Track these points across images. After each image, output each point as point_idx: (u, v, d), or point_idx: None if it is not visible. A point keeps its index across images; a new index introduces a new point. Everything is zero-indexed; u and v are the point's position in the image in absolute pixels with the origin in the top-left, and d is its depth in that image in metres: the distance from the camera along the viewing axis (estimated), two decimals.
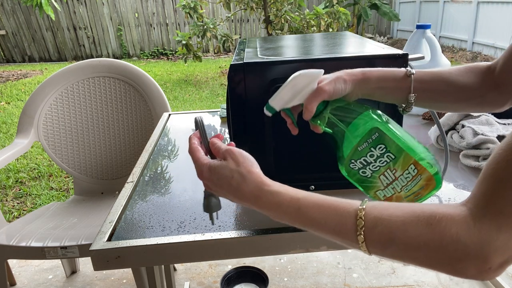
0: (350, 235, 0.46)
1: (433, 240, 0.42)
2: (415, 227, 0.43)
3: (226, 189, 0.54)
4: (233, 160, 0.55)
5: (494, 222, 0.40)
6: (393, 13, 7.63)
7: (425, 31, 1.23)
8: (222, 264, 1.74)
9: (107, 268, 0.67)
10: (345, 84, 0.61)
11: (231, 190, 0.54)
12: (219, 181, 0.54)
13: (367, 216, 0.45)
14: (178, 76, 6.23)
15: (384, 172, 0.60)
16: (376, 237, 0.45)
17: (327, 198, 0.49)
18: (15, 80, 6.17)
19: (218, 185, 0.55)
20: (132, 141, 1.65)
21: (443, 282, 1.58)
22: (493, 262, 0.40)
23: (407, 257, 0.44)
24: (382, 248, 0.45)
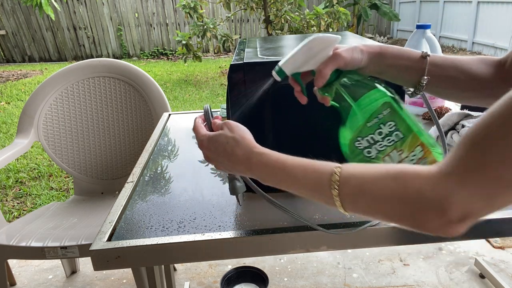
0: (326, 190, 0.49)
1: (397, 192, 0.44)
2: (383, 180, 0.45)
3: (222, 154, 0.59)
4: (228, 129, 0.60)
5: (458, 177, 0.41)
6: (393, 13, 7.63)
7: (425, 31, 1.23)
8: (222, 264, 1.74)
9: (107, 268, 0.67)
10: (362, 54, 0.61)
11: (226, 154, 0.58)
12: (216, 149, 0.59)
13: (342, 172, 0.49)
14: (178, 76, 6.23)
15: (389, 153, 0.58)
16: (348, 190, 0.48)
17: (310, 160, 0.53)
18: (15, 80, 6.17)
19: (216, 152, 0.59)
20: (132, 141, 1.65)
21: (443, 282, 1.58)
22: (452, 215, 0.41)
23: (376, 210, 0.47)
24: (353, 201, 0.48)
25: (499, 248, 1.76)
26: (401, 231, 0.70)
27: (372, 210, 0.47)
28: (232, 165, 0.59)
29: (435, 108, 1.25)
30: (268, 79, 0.73)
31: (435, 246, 1.81)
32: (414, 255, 1.75)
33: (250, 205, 0.79)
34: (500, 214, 0.70)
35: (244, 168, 0.58)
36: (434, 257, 1.73)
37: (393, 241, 0.72)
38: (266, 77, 0.73)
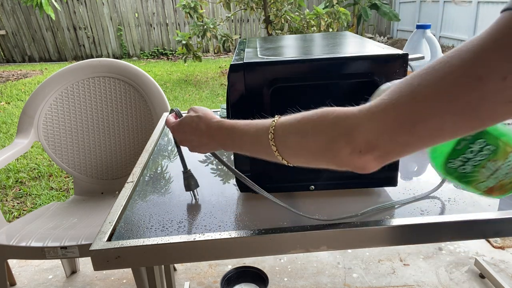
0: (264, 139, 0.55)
1: (317, 124, 0.50)
2: (308, 117, 0.52)
3: (189, 132, 0.68)
4: (193, 111, 0.70)
5: (369, 111, 0.45)
6: (393, 13, 7.63)
7: (425, 31, 1.23)
8: (222, 264, 1.74)
9: (107, 268, 0.67)
10: None
11: (192, 130, 0.67)
12: (184, 128, 0.69)
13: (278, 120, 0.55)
14: (178, 76, 6.23)
15: (485, 165, 0.59)
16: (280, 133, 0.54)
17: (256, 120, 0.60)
18: (15, 80, 6.17)
19: (184, 132, 0.69)
20: (132, 141, 1.65)
21: (443, 282, 1.58)
22: (358, 143, 0.46)
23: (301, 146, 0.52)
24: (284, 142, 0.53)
25: (499, 248, 1.76)
26: (401, 231, 0.70)
27: (298, 147, 0.52)
28: (199, 139, 0.67)
29: None
30: (268, 80, 0.73)
31: (435, 246, 1.81)
32: (414, 255, 1.75)
33: (250, 205, 0.79)
34: (500, 214, 0.70)
35: (208, 139, 0.65)
36: (434, 257, 1.73)
37: (393, 241, 0.72)
38: (266, 77, 0.73)
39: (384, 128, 0.44)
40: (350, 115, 0.47)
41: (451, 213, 0.72)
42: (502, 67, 0.37)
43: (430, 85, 0.41)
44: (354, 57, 0.73)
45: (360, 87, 0.74)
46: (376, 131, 0.44)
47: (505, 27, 0.38)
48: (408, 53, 0.71)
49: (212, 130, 0.65)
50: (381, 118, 0.44)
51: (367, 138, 0.45)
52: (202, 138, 0.66)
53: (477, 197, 0.77)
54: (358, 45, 0.86)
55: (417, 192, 0.80)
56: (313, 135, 0.50)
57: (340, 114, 0.48)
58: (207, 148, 0.68)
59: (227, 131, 0.62)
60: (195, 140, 0.68)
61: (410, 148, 0.44)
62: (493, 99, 0.38)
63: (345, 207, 0.76)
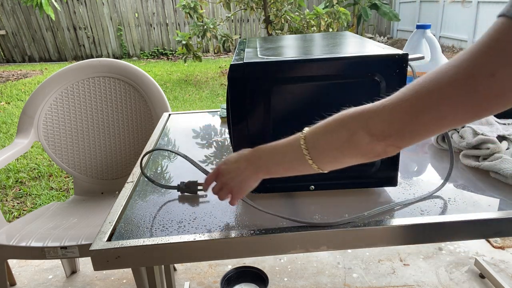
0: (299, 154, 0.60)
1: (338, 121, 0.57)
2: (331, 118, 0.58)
3: (233, 161, 0.69)
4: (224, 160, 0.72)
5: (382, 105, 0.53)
6: (393, 13, 7.63)
7: (425, 31, 1.23)
8: (222, 264, 1.74)
9: (107, 268, 0.67)
10: None
11: (236, 159, 0.69)
12: (228, 160, 0.70)
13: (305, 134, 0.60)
14: (178, 76, 6.23)
15: None
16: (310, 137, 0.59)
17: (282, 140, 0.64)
18: (15, 80, 6.17)
19: (224, 175, 0.70)
20: (132, 141, 1.65)
21: (443, 282, 1.58)
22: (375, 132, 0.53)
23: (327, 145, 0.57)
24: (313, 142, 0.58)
25: (499, 248, 1.76)
26: (401, 231, 0.70)
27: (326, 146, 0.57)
28: (237, 167, 0.68)
29: None
30: (268, 80, 0.73)
31: (435, 246, 1.81)
32: (414, 255, 1.75)
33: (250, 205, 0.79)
34: (500, 214, 0.70)
35: (245, 163, 0.67)
36: (434, 257, 1.73)
37: (393, 241, 0.72)
38: (266, 77, 0.73)
39: (395, 119, 0.51)
40: (366, 110, 0.54)
41: (451, 213, 0.72)
42: (490, 66, 0.43)
43: (432, 81, 0.48)
44: (354, 57, 0.73)
45: (360, 87, 0.74)
46: (389, 121, 0.51)
47: (495, 32, 0.44)
48: (408, 53, 0.71)
49: (250, 153, 0.68)
50: (392, 110, 0.51)
51: (382, 127, 0.52)
52: (240, 164, 0.68)
53: (477, 197, 0.77)
54: (358, 45, 0.86)
55: (417, 192, 0.80)
56: (336, 131, 0.56)
57: (357, 110, 0.55)
58: (245, 179, 0.68)
59: (262, 149, 0.66)
60: (235, 170, 0.68)
61: (418, 135, 0.51)
62: (484, 93, 0.44)
63: (345, 207, 0.76)
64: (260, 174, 0.67)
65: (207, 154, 1.08)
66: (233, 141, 0.79)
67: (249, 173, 0.67)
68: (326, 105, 0.75)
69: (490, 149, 0.88)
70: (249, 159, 0.67)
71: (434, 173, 0.89)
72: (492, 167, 0.84)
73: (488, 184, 0.82)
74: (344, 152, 0.57)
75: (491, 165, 0.84)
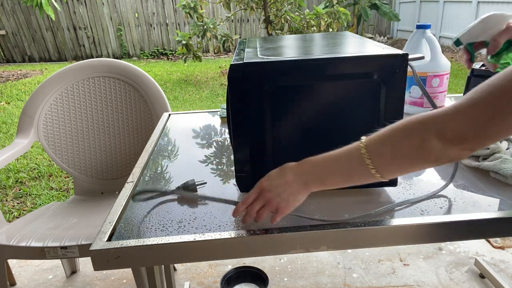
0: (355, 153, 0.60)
1: (406, 129, 0.55)
2: (395, 127, 0.57)
3: (276, 176, 0.67)
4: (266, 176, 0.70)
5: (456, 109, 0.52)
6: (393, 13, 7.63)
7: (425, 31, 1.23)
8: (222, 264, 1.74)
9: (107, 268, 0.67)
10: None
11: (279, 174, 0.67)
12: (271, 175, 0.68)
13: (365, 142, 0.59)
14: (178, 76, 6.23)
15: None
16: (372, 146, 0.58)
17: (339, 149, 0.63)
18: (15, 80, 6.17)
19: (270, 179, 0.68)
20: (132, 141, 1.65)
21: (443, 282, 1.58)
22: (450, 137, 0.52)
23: (395, 153, 0.56)
24: (377, 152, 0.58)
25: (499, 248, 1.76)
26: (401, 231, 0.70)
27: (394, 154, 0.56)
28: (284, 182, 0.66)
29: None
30: (268, 80, 0.73)
31: (435, 246, 1.81)
32: (414, 255, 1.75)
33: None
34: (500, 214, 0.70)
35: (293, 176, 0.65)
36: (434, 257, 1.73)
37: (393, 241, 0.72)
38: (266, 77, 0.73)
39: (472, 122, 0.50)
40: (437, 115, 0.53)
41: (451, 213, 0.72)
42: None
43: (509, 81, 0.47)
44: (354, 57, 0.73)
45: (360, 87, 0.74)
46: (465, 125, 0.50)
47: None
48: (408, 53, 0.71)
49: (298, 166, 0.66)
50: (469, 113, 0.50)
51: (457, 132, 0.51)
52: (287, 178, 0.66)
53: (477, 197, 0.77)
54: (358, 45, 0.86)
55: (417, 193, 0.80)
56: (405, 139, 0.55)
57: (425, 116, 0.54)
58: (293, 193, 0.66)
59: (312, 161, 0.65)
60: (281, 185, 0.66)
61: (496, 138, 0.51)
62: None
63: (345, 208, 0.76)
64: (311, 186, 0.65)
65: (207, 154, 1.08)
66: (233, 141, 0.79)
67: (298, 186, 0.65)
68: (326, 105, 0.75)
69: (490, 149, 0.88)
70: (297, 172, 0.65)
71: (434, 173, 0.89)
72: (492, 167, 0.84)
73: (488, 184, 0.82)
74: (413, 159, 0.56)
75: (491, 165, 0.84)
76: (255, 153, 0.78)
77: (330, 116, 0.76)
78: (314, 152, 0.78)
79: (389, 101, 0.74)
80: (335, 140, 0.78)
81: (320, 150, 0.77)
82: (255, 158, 0.79)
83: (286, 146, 0.78)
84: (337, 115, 0.76)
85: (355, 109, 0.75)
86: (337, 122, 0.77)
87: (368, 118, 0.76)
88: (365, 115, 0.75)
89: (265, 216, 0.68)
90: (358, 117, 0.76)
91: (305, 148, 0.78)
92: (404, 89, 0.74)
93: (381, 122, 0.76)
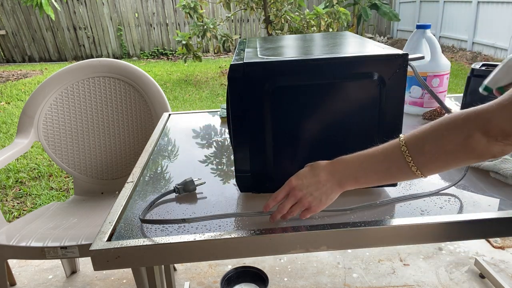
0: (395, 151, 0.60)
1: (450, 126, 0.55)
2: (437, 124, 0.57)
3: (308, 176, 0.66)
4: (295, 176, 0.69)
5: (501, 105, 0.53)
6: (393, 13, 7.63)
7: (425, 31, 1.23)
8: (222, 264, 1.74)
9: (107, 268, 0.67)
10: None
11: (310, 173, 0.66)
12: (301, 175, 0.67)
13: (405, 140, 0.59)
14: (178, 76, 6.23)
15: None
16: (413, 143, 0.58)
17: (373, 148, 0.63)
18: (15, 80, 6.17)
19: (301, 178, 0.67)
20: (132, 141, 1.65)
21: (443, 282, 1.58)
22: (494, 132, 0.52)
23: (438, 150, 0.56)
24: (418, 149, 0.57)
25: (499, 248, 1.76)
26: (401, 231, 0.70)
27: (436, 151, 0.56)
28: (317, 181, 0.66)
29: (435, 108, 1.25)
30: (268, 80, 0.73)
31: (435, 246, 1.81)
32: (414, 255, 1.75)
33: (250, 205, 0.79)
34: (500, 214, 0.70)
35: (327, 175, 0.65)
36: (434, 257, 1.73)
37: (393, 241, 0.72)
38: (266, 77, 0.73)
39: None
40: (480, 111, 0.53)
41: (451, 213, 0.72)
42: None
43: None
44: (354, 57, 0.73)
45: (360, 86, 0.74)
46: (510, 120, 0.51)
47: None
48: (408, 53, 0.71)
49: (332, 165, 0.66)
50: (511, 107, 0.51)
51: (502, 127, 0.51)
52: (320, 177, 0.65)
53: (477, 197, 0.77)
54: (358, 45, 0.86)
55: (417, 192, 0.80)
56: (448, 135, 0.55)
57: (469, 112, 0.54)
58: (326, 191, 0.66)
59: (346, 160, 0.64)
60: (313, 184, 0.66)
61: None
62: None
63: (345, 207, 0.76)
64: (346, 185, 0.65)
65: (207, 154, 1.08)
66: (233, 141, 0.79)
67: (332, 185, 0.65)
68: (326, 105, 0.75)
69: None
70: (331, 171, 0.65)
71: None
72: (492, 167, 0.84)
73: (488, 184, 0.82)
74: (456, 156, 0.56)
75: (491, 165, 0.84)
76: (255, 153, 0.78)
77: (330, 116, 0.76)
78: (314, 152, 0.78)
79: (389, 101, 0.74)
80: (335, 140, 0.78)
81: (320, 150, 0.77)
82: (255, 158, 0.79)
83: (286, 146, 0.78)
84: (337, 115, 0.76)
85: (355, 109, 0.75)
86: (337, 122, 0.77)
87: (368, 118, 0.76)
88: (365, 115, 0.75)
89: (296, 214, 0.69)
90: (358, 117, 0.76)
91: (305, 148, 0.78)
92: (404, 89, 0.74)
93: (381, 122, 0.76)
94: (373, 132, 0.76)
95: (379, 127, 0.76)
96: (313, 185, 0.66)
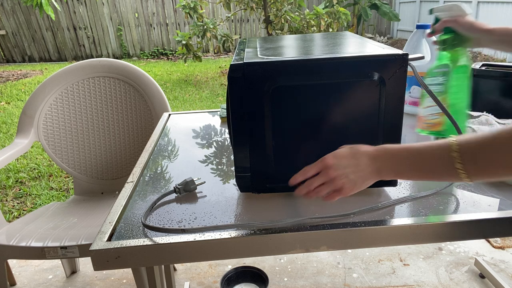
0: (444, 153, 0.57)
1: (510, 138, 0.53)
2: (496, 133, 0.54)
3: (347, 157, 0.65)
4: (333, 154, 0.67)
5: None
6: (393, 13, 7.63)
7: (425, 31, 1.23)
8: (222, 264, 1.74)
9: (107, 268, 0.67)
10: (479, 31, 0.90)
11: (350, 155, 0.65)
12: (340, 154, 0.66)
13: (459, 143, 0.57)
14: (178, 76, 6.23)
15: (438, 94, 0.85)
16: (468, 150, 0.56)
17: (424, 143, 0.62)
18: (15, 80, 6.17)
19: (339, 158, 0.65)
20: (132, 141, 1.65)
21: (443, 282, 1.58)
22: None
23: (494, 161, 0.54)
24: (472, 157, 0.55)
25: (499, 248, 1.76)
26: (401, 231, 0.70)
27: (492, 162, 0.54)
28: (356, 164, 0.64)
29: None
30: (268, 80, 0.73)
31: (435, 246, 1.81)
32: (414, 255, 1.75)
33: (250, 205, 0.79)
34: (500, 214, 0.70)
35: (369, 160, 0.63)
36: (434, 257, 1.73)
37: (393, 241, 0.72)
38: (266, 77, 0.73)
39: None
40: None
41: (451, 213, 0.72)
42: None
43: None
44: (354, 57, 0.73)
45: (360, 87, 0.74)
46: None
47: None
48: (408, 53, 0.71)
49: (375, 152, 0.64)
50: None
51: None
52: (360, 161, 0.64)
53: (477, 197, 0.77)
54: (358, 45, 0.86)
55: (417, 192, 0.80)
56: (508, 148, 0.53)
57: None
58: (363, 176, 0.64)
59: (391, 151, 0.63)
60: (351, 166, 0.64)
61: None
62: None
63: (345, 207, 0.76)
64: (384, 175, 0.63)
65: (207, 154, 1.08)
66: (233, 141, 0.79)
67: (371, 171, 0.63)
68: (326, 105, 0.75)
69: None
70: (374, 157, 0.63)
71: None
72: None
73: (488, 184, 0.82)
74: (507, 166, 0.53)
75: None
76: (255, 153, 0.78)
77: (330, 116, 0.76)
78: (314, 151, 0.78)
79: (389, 101, 0.74)
80: (336, 140, 0.78)
81: (320, 149, 0.76)
82: (255, 158, 0.79)
83: (286, 146, 0.78)
84: (337, 115, 0.76)
85: (355, 109, 0.75)
86: (337, 122, 0.77)
87: (368, 118, 0.76)
88: (365, 115, 0.75)
89: (323, 194, 0.66)
90: (358, 117, 0.76)
91: (305, 147, 0.78)
92: (404, 89, 0.74)
93: (381, 122, 0.76)
94: (373, 132, 0.76)
95: (379, 127, 0.76)
96: (351, 167, 0.64)
